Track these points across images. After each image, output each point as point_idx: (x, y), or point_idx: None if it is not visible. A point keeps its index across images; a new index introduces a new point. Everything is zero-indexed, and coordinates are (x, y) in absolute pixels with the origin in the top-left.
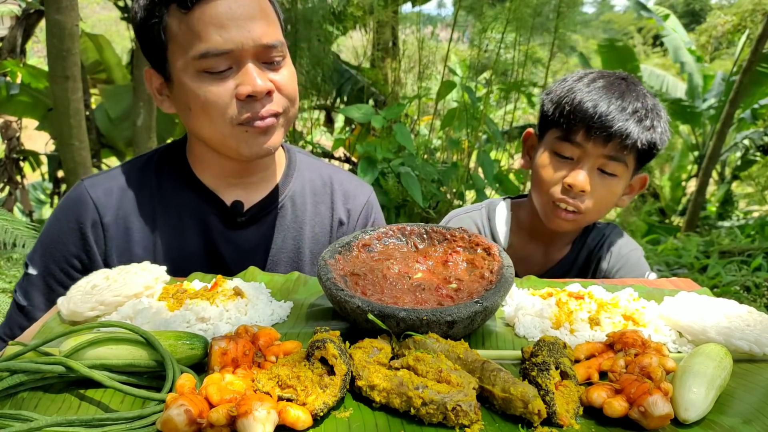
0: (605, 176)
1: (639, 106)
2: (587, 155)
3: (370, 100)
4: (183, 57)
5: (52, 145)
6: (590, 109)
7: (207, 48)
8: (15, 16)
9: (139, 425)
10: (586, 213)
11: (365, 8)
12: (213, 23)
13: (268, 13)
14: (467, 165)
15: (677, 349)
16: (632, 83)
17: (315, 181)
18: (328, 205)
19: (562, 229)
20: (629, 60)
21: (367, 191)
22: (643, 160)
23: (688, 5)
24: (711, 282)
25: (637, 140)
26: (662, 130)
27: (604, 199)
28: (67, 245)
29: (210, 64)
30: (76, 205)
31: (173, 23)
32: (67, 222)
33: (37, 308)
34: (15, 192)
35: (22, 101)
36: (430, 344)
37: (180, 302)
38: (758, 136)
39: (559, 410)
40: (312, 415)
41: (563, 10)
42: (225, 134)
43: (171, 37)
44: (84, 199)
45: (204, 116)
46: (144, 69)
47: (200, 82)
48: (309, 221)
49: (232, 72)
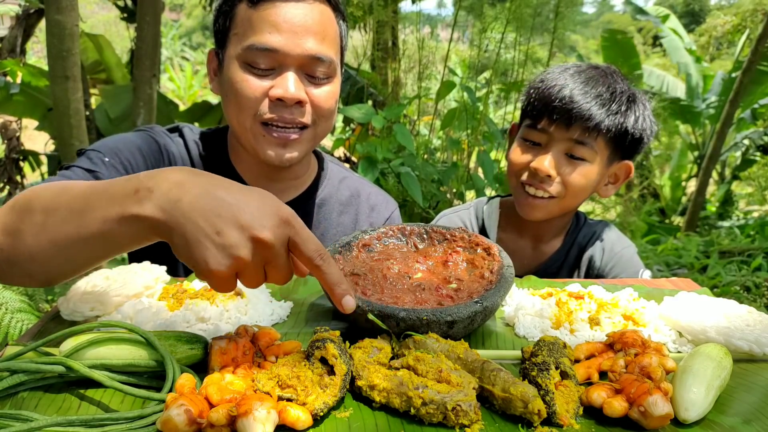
0: (573, 161)
1: (603, 90)
2: (553, 140)
3: (369, 101)
4: (235, 46)
5: (52, 145)
6: (554, 93)
7: (253, 41)
8: (15, 16)
9: (139, 425)
10: (558, 198)
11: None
12: (269, 21)
13: (328, 32)
14: (467, 165)
15: (677, 349)
16: (606, 72)
17: (343, 191)
18: (352, 217)
19: (534, 216)
20: (631, 56)
21: (392, 206)
22: (622, 147)
23: (688, 5)
24: (711, 282)
25: (600, 123)
26: (638, 117)
27: (575, 184)
28: (141, 145)
29: (254, 58)
30: (158, 139)
31: (240, 13)
32: (151, 143)
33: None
34: (15, 192)
35: (22, 101)
36: (430, 344)
37: (180, 302)
38: (758, 136)
39: (559, 410)
40: (312, 415)
41: (562, 10)
42: (246, 128)
43: (233, 26)
44: (167, 142)
45: (235, 105)
46: (208, 50)
47: (242, 72)
48: (332, 230)
49: (273, 73)
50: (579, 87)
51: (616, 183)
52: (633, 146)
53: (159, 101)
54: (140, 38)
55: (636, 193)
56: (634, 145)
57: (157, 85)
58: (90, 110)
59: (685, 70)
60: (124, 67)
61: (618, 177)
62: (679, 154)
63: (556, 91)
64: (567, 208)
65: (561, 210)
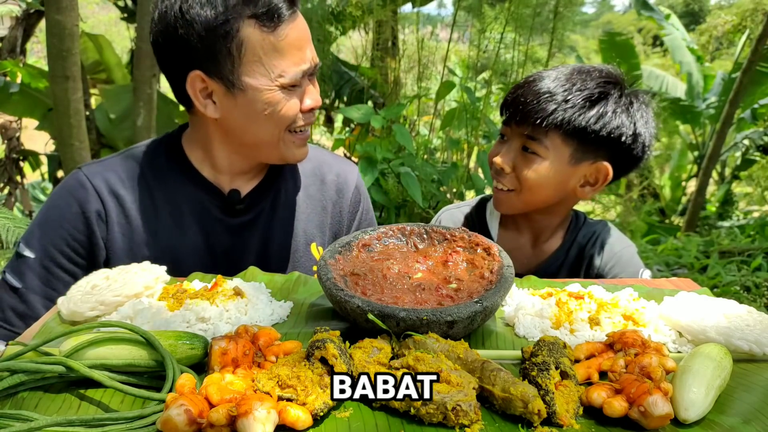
0: (527, 155)
1: (561, 86)
2: (512, 135)
3: (369, 101)
4: (265, 74)
5: (52, 145)
6: (515, 90)
7: (295, 71)
8: (15, 16)
9: (139, 425)
10: (516, 192)
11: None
12: (294, 45)
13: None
14: (467, 165)
15: (677, 349)
16: (583, 71)
17: (305, 165)
18: (318, 187)
19: (500, 209)
20: (630, 56)
21: (354, 170)
22: (591, 146)
23: (688, 5)
24: (711, 282)
25: (547, 118)
26: (602, 114)
27: (528, 178)
28: (68, 229)
29: (289, 81)
30: (78, 192)
31: (253, 38)
32: (69, 207)
33: (32, 291)
34: (15, 192)
35: (22, 101)
36: (430, 344)
37: (180, 302)
38: (758, 136)
39: (559, 410)
40: (312, 415)
41: (561, 10)
42: (279, 139)
43: (248, 51)
44: (85, 186)
45: (270, 123)
46: (190, 73)
47: (276, 93)
48: (303, 205)
49: (298, 86)
50: (540, 84)
51: (595, 185)
52: (610, 146)
53: (159, 101)
54: (140, 38)
55: (636, 193)
56: (610, 145)
57: (157, 85)
58: (90, 110)
59: (687, 70)
60: (124, 67)
61: (597, 179)
62: (679, 154)
63: (519, 88)
64: (529, 202)
65: (524, 204)
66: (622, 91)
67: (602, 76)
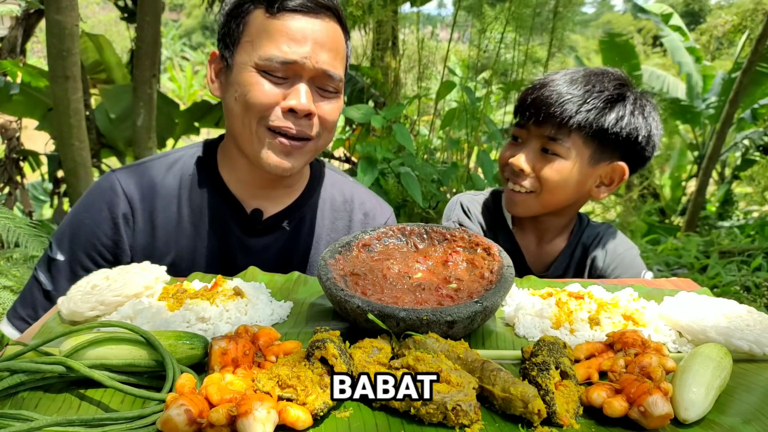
0: (547, 156)
1: (581, 88)
2: (530, 136)
3: (370, 101)
4: (250, 52)
5: (52, 145)
6: (533, 92)
7: (275, 53)
8: (15, 16)
9: (139, 425)
10: (535, 194)
11: (365, 8)
12: (288, 34)
13: (339, 50)
14: (467, 165)
15: (677, 349)
16: (597, 73)
17: (336, 197)
18: (345, 222)
19: (515, 211)
20: (630, 57)
21: (387, 212)
22: (609, 147)
23: (688, 5)
24: (711, 282)
25: (570, 120)
26: (621, 116)
27: (548, 179)
28: (97, 233)
29: (271, 67)
30: (109, 195)
31: (255, 20)
32: (99, 210)
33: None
34: (15, 192)
35: (22, 101)
36: (430, 344)
37: (180, 302)
38: (758, 136)
39: (559, 410)
40: (312, 415)
41: (561, 10)
42: (251, 131)
43: (247, 32)
44: (116, 190)
45: (244, 109)
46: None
47: (256, 78)
48: (325, 236)
49: (286, 83)
50: (557, 86)
51: (610, 185)
52: (626, 147)
53: (159, 101)
54: (140, 38)
55: (636, 193)
56: (626, 145)
57: (157, 85)
58: (90, 110)
59: (686, 70)
60: (124, 67)
61: (612, 179)
62: (679, 154)
63: (535, 90)
64: (548, 204)
65: (542, 206)
66: (636, 93)
67: (616, 78)
